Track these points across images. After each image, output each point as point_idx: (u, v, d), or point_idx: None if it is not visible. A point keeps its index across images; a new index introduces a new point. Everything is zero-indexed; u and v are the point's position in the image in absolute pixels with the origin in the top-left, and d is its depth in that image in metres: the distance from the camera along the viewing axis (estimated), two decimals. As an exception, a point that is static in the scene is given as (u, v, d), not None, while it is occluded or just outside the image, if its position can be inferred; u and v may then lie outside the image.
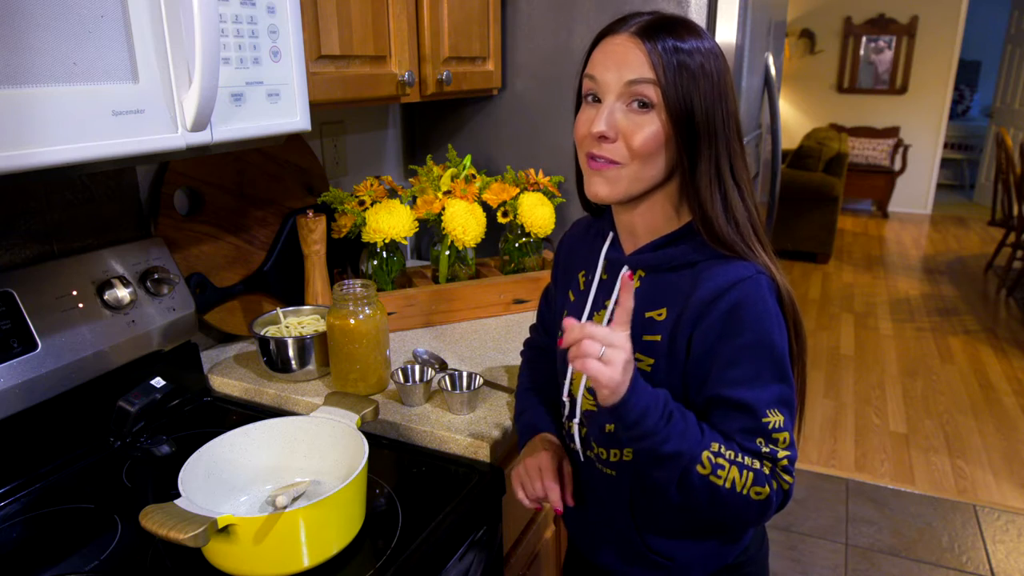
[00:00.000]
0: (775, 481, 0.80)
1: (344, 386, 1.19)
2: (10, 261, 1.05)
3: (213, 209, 1.34)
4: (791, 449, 0.81)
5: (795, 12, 7.18)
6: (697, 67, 0.78)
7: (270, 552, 0.78)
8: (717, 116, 0.80)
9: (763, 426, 0.79)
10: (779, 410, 0.80)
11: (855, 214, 7.29)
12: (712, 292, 0.79)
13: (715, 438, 0.79)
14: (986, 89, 8.75)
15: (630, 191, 0.83)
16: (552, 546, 1.42)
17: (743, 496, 0.78)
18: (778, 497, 0.81)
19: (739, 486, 0.77)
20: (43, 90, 0.67)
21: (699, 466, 0.76)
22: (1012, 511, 2.53)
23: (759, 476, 0.78)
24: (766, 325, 0.79)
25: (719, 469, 0.77)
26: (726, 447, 0.78)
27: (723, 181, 0.82)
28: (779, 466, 0.80)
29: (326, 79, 1.16)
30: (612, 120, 0.80)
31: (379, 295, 1.46)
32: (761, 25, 1.78)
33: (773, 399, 0.80)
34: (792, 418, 0.82)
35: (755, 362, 0.79)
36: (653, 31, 0.79)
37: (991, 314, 4.46)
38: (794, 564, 2.27)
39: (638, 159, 0.80)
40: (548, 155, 1.74)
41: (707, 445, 0.77)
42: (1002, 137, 4.81)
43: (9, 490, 0.98)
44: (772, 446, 0.80)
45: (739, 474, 0.77)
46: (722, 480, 0.77)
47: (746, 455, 0.79)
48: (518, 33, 1.69)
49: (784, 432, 0.80)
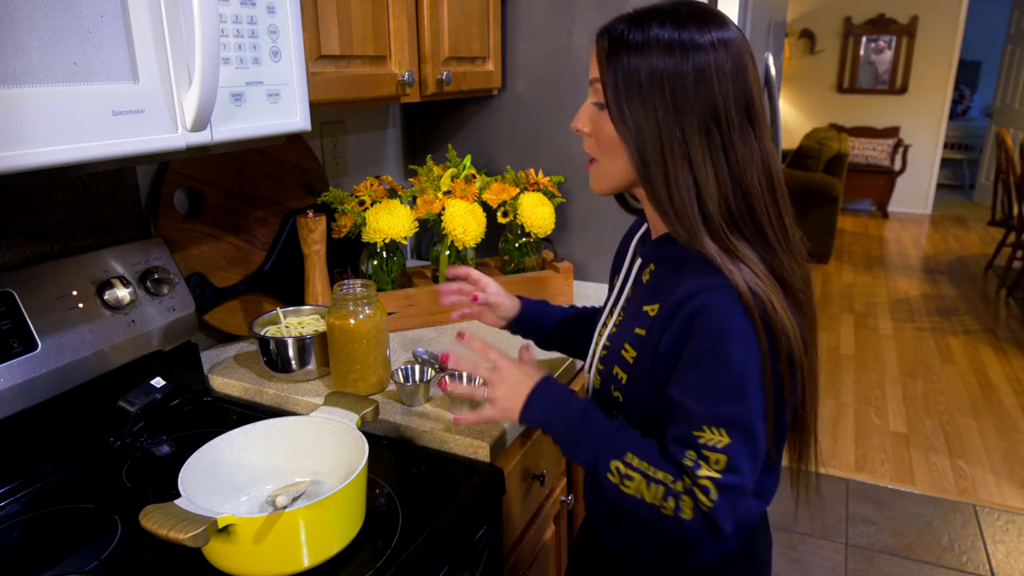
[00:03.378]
0: (688, 498, 0.76)
1: (344, 386, 1.19)
2: (10, 261, 1.05)
3: (213, 209, 1.34)
4: (727, 475, 0.75)
5: (795, 12, 7.18)
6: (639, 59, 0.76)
7: (270, 552, 0.78)
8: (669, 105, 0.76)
9: (694, 439, 0.76)
10: (724, 430, 0.75)
11: (855, 214, 7.29)
12: (682, 295, 0.78)
13: (636, 449, 0.80)
14: (986, 89, 8.75)
15: (613, 184, 0.87)
16: (552, 546, 1.42)
17: (653, 507, 0.78)
18: (696, 516, 0.76)
19: (648, 497, 0.78)
20: (43, 90, 0.67)
21: (608, 474, 0.81)
22: (1012, 511, 2.53)
23: (668, 492, 0.77)
24: (722, 337, 0.75)
25: (627, 479, 0.79)
26: (641, 459, 0.79)
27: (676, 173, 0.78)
28: (698, 484, 0.75)
29: (326, 79, 1.16)
30: (584, 116, 0.85)
31: (379, 295, 1.46)
32: (761, 25, 1.78)
33: (717, 417, 0.75)
34: (744, 443, 0.76)
35: (706, 372, 0.76)
36: (613, 27, 0.80)
37: (991, 314, 4.46)
38: (794, 564, 2.27)
39: (604, 153, 0.84)
40: (548, 155, 1.74)
41: (619, 455, 0.80)
42: (1002, 137, 4.81)
43: (9, 490, 0.98)
44: (701, 462, 0.76)
45: (646, 486, 0.78)
46: (631, 490, 0.79)
47: (663, 468, 0.78)
48: (518, 33, 1.69)
49: (721, 455, 0.75)
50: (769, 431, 0.80)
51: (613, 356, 0.89)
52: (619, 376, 0.87)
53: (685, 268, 0.82)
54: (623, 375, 0.87)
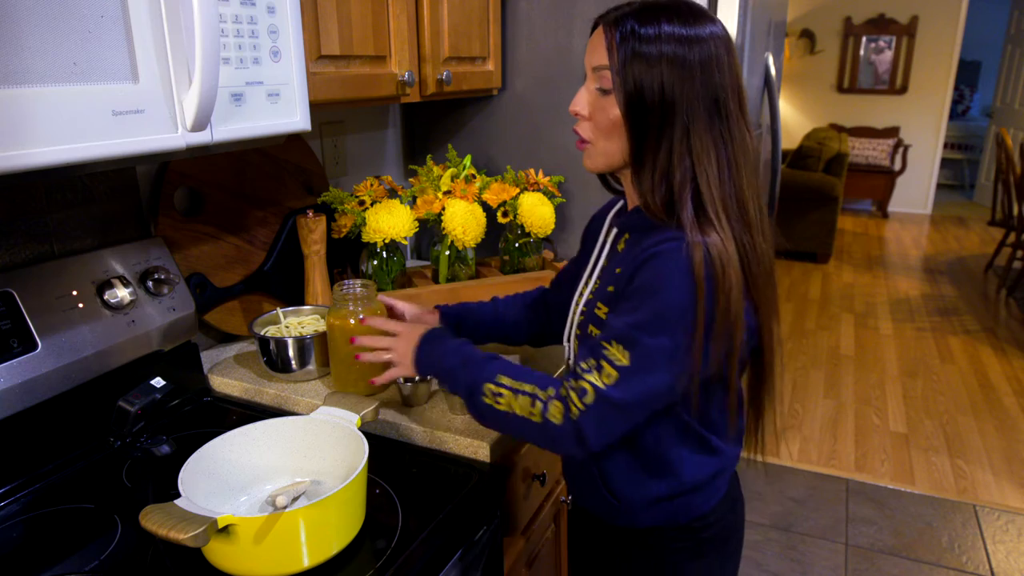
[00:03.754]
0: (560, 403, 0.85)
1: (344, 387, 1.19)
2: (10, 261, 1.05)
3: (213, 209, 1.34)
4: (611, 389, 0.82)
5: (795, 12, 7.18)
6: (653, 51, 0.82)
7: (270, 552, 0.77)
8: (674, 94, 0.83)
9: (601, 350, 0.83)
10: (628, 353, 0.81)
11: (855, 214, 7.29)
12: (643, 247, 0.85)
13: (505, 371, 0.91)
14: (986, 89, 8.75)
15: (608, 163, 0.92)
16: (552, 546, 1.42)
17: (523, 419, 0.88)
18: (565, 421, 0.84)
19: (518, 410, 0.88)
20: (43, 90, 0.67)
21: (483, 396, 0.91)
22: (1012, 511, 2.53)
23: (534, 399, 0.87)
24: (662, 276, 0.81)
25: (499, 397, 0.89)
26: (512, 378, 0.90)
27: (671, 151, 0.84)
28: (577, 386, 0.83)
29: (326, 79, 1.16)
30: (583, 100, 0.90)
31: (379, 295, 1.46)
32: (761, 25, 1.78)
33: (627, 339, 0.82)
34: (640, 370, 0.81)
35: (635, 301, 0.83)
36: (620, 19, 0.85)
37: (991, 314, 4.46)
38: (794, 564, 2.27)
39: (602, 136, 0.90)
40: (548, 155, 1.74)
41: (491, 378, 0.90)
42: (1002, 137, 4.81)
43: (9, 490, 0.98)
44: (593, 371, 0.83)
45: (515, 398, 0.88)
46: (503, 406, 0.89)
47: (531, 382, 0.88)
48: (518, 33, 1.69)
49: (615, 371, 0.82)
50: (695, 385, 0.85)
51: (590, 317, 0.94)
52: (593, 334, 0.92)
53: (653, 230, 0.88)
54: (596, 332, 0.92)
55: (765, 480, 2.72)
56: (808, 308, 4.57)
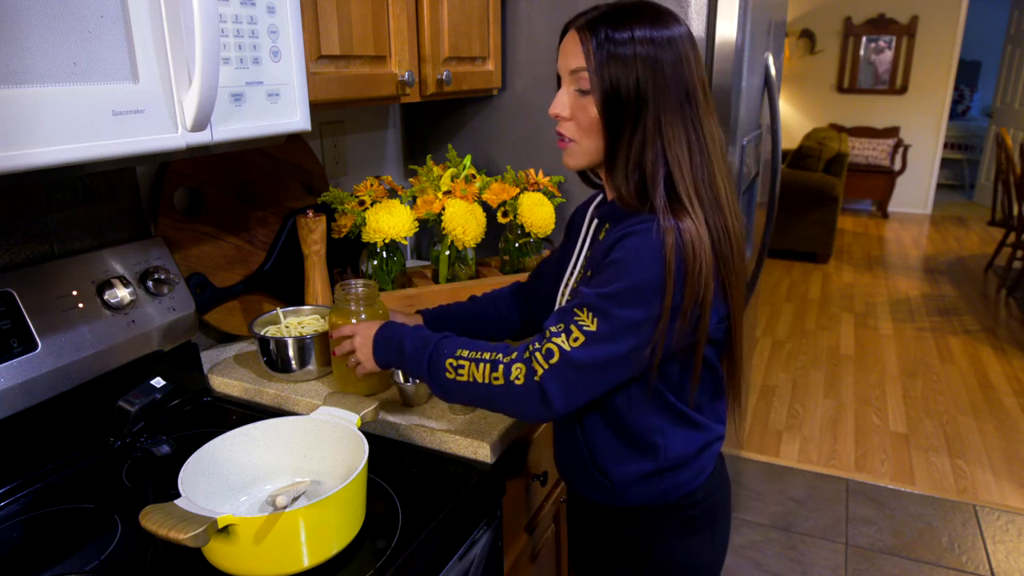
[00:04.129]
0: (523, 365, 0.88)
1: (346, 386, 1.19)
2: (10, 261, 1.06)
3: (213, 209, 1.34)
4: (577, 351, 0.85)
5: (795, 12, 7.18)
6: (626, 52, 0.87)
7: (270, 552, 0.78)
8: (647, 90, 0.87)
9: (572, 316, 0.87)
10: (597, 321, 0.85)
11: (855, 214, 7.29)
12: (618, 230, 0.89)
13: (464, 345, 0.94)
14: (986, 89, 8.75)
15: (589, 160, 0.96)
16: (552, 546, 1.42)
17: (486, 385, 0.90)
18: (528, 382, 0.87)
19: (479, 378, 0.91)
20: (43, 90, 0.67)
21: (445, 372, 0.94)
22: (1012, 511, 2.54)
23: (495, 364, 0.90)
24: (633, 253, 0.85)
25: (460, 370, 0.92)
26: (471, 350, 0.93)
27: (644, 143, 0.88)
28: (543, 348, 0.87)
29: (326, 79, 1.17)
30: (563, 102, 0.94)
31: (380, 295, 1.46)
32: (761, 25, 1.78)
33: (598, 308, 0.85)
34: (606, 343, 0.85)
35: (608, 275, 0.86)
36: (593, 24, 0.89)
37: (991, 314, 4.46)
38: (794, 564, 2.27)
39: (584, 134, 0.94)
40: (548, 155, 1.74)
41: (450, 353, 0.93)
42: (1002, 137, 4.81)
43: (9, 490, 0.98)
44: (562, 334, 0.86)
45: (476, 367, 0.91)
46: (464, 377, 0.92)
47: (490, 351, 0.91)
48: (518, 33, 1.69)
49: (582, 335, 0.85)
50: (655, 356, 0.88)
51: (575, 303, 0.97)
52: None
53: (628, 217, 0.92)
54: None
55: (765, 480, 2.72)
56: (808, 308, 4.57)
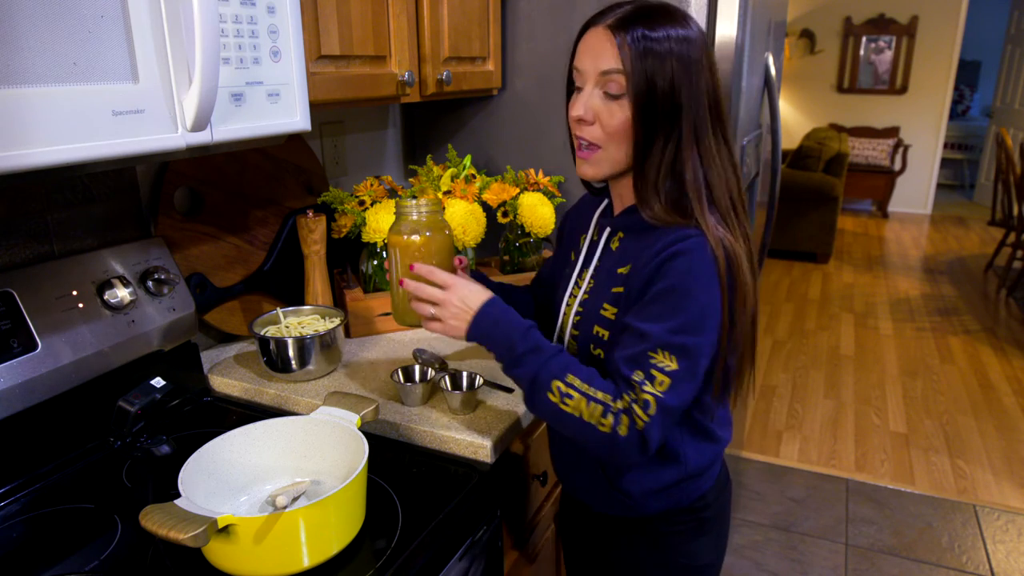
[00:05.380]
0: (626, 416, 0.84)
1: (407, 314, 1.05)
2: (10, 261, 1.05)
3: (213, 209, 1.34)
4: (667, 395, 0.84)
5: (795, 12, 7.17)
6: (664, 53, 0.84)
7: (270, 552, 0.78)
8: (682, 94, 0.85)
9: (647, 359, 0.84)
10: (675, 357, 0.84)
11: (855, 214, 7.29)
12: (660, 247, 0.86)
13: (576, 370, 0.88)
14: (986, 89, 8.75)
15: (613, 170, 0.92)
16: (552, 546, 1.42)
17: (590, 425, 0.86)
18: (631, 433, 0.84)
19: (586, 416, 0.86)
20: (43, 90, 0.67)
21: (549, 392, 0.87)
22: (1012, 511, 2.53)
23: (606, 409, 0.85)
24: (691, 277, 0.83)
25: (567, 398, 0.87)
26: (582, 380, 0.87)
27: (680, 151, 0.86)
28: (640, 398, 0.84)
29: (326, 79, 1.16)
30: (589, 105, 0.89)
31: (378, 295, 1.46)
32: (761, 25, 1.78)
33: (671, 343, 0.83)
34: (687, 372, 0.84)
35: (669, 303, 0.84)
36: (626, 23, 0.85)
37: (991, 314, 4.46)
38: (794, 564, 2.27)
39: (612, 141, 0.89)
40: (548, 155, 1.74)
41: (560, 375, 0.87)
42: (1002, 137, 4.81)
43: (9, 490, 0.98)
44: (647, 381, 0.84)
45: (587, 405, 0.86)
46: (570, 408, 0.86)
47: (602, 389, 0.86)
48: (518, 33, 1.69)
49: (667, 377, 0.84)
50: (717, 375, 0.90)
51: (591, 318, 0.95)
52: (600, 335, 0.94)
53: (656, 230, 0.89)
54: (604, 332, 0.93)
55: (765, 480, 2.72)
56: (808, 308, 4.57)
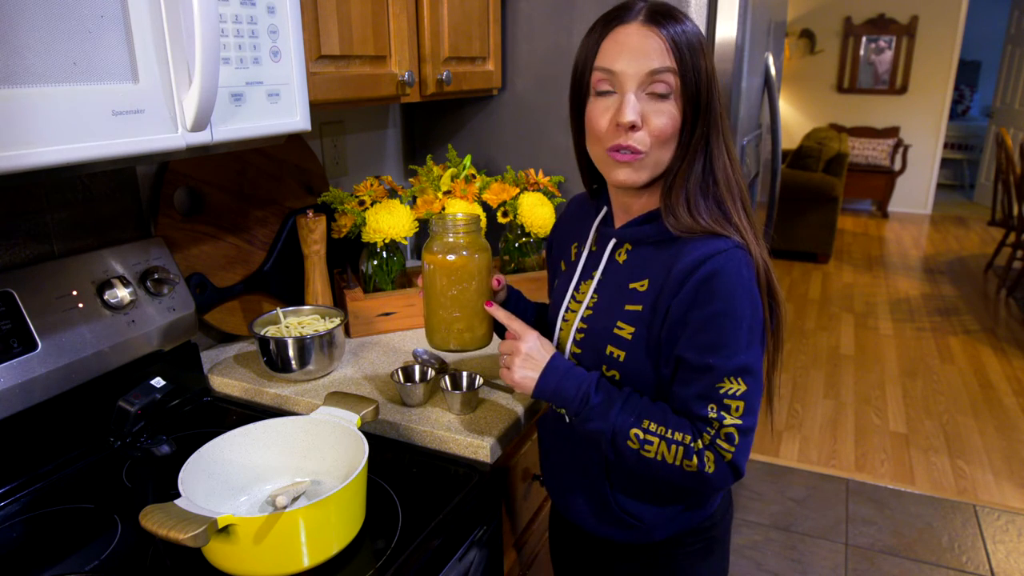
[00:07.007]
0: (711, 453, 0.83)
1: (447, 340, 1.05)
2: (10, 261, 1.05)
3: (213, 209, 1.34)
4: (745, 418, 0.83)
5: (795, 12, 7.17)
6: (699, 48, 0.82)
7: (270, 552, 0.77)
8: (713, 90, 0.84)
9: (716, 391, 0.82)
10: (740, 378, 0.82)
11: (855, 214, 7.29)
12: (691, 263, 0.83)
13: (650, 414, 0.85)
14: (986, 89, 8.75)
15: (654, 174, 0.87)
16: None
17: (675, 467, 0.84)
18: (719, 467, 0.83)
19: (669, 458, 0.84)
20: (43, 90, 0.67)
21: (628, 441, 0.85)
22: (1012, 511, 2.53)
23: (688, 450, 0.83)
24: (736, 295, 0.81)
25: (647, 444, 0.85)
26: (658, 423, 0.85)
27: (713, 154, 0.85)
28: (722, 433, 0.82)
29: (326, 79, 1.16)
30: (636, 109, 0.83)
31: (378, 295, 1.46)
32: (761, 25, 1.78)
33: (735, 368, 0.82)
34: (755, 387, 0.84)
35: (722, 330, 0.82)
36: (659, 19, 0.82)
37: (991, 314, 4.46)
38: (794, 564, 2.27)
39: (657, 145, 0.84)
40: (548, 155, 1.74)
41: (636, 423, 0.85)
42: (1002, 137, 4.81)
43: (9, 490, 0.98)
44: (723, 412, 0.83)
45: (667, 448, 0.84)
46: (651, 454, 0.85)
47: (679, 429, 0.84)
48: (518, 33, 1.69)
49: (740, 401, 0.82)
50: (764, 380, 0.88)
51: (602, 336, 0.91)
52: (615, 355, 0.90)
53: (678, 242, 0.86)
54: (620, 353, 0.89)
55: (765, 480, 2.72)
56: (808, 308, 4.57)
